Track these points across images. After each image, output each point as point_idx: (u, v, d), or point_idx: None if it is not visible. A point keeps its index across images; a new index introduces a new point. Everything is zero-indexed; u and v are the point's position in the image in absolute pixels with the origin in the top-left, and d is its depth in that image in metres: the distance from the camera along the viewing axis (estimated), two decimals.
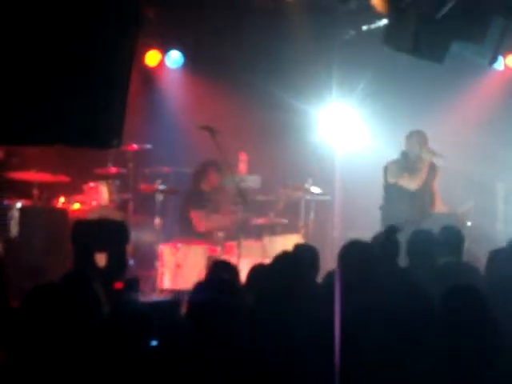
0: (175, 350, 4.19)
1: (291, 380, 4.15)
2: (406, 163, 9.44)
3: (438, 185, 9.73)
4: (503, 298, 4.95)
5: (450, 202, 10.41)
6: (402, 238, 6.60)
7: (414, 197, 9.41)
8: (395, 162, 9.53)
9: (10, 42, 5.77)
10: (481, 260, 6.61)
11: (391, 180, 9.45)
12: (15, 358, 3.92)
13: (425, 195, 9.52)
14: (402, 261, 6.60)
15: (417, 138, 9.54)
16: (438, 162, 9.59)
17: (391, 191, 9.43)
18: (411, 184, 9.42)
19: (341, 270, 4.99)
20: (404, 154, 9.52)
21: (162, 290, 9.45)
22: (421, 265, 6.36)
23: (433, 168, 9.62)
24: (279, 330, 4.60)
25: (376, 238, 6.38)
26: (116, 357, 4.08)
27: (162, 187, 10.04)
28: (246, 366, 4.01)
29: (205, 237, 9.96)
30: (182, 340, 4.21)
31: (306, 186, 10.47)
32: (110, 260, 6.84)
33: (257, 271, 5.89)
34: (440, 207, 9.81)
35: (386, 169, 9.52)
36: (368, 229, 8.22)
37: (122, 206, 10.25)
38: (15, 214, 9.44)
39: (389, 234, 6.23)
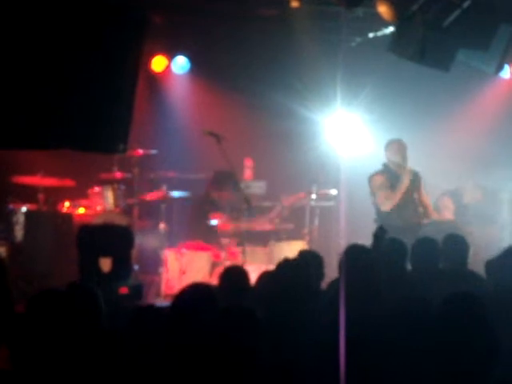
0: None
1: None
2: (390, 179, 9.17)
3: (425, 192, 9.62)
4: (501, 306, 4.98)
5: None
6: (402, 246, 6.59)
7: (403, 207, 9.16)
8: (379, 176, 9.27)
9: (21, 53, 5.82)
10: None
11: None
12: (19, 362, 3.93)
13: (411, 204, 9.25)
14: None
15: (397, 147, 9.31)
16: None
17: None
18: (385, 205, 9.11)
19: (343, 276, 4.99)
20: (387, 167, 9.31)
21: (167, 296, 9.46)
22: (424, 273, 6.36)
23: (416, 177, 9.40)
24: (284, 339, 4.60)
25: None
26: (114, 362, 4.09)
27: (171, 194, 10.11)
28: (248, 374, 4.01)
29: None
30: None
31: (312, 192, 10.45)
32: (114, 265, 6.87)
33: (264, 279, 5.87)
34: (435, 215, 9.73)
35: (369, 182, 9.31)
36: None
37: (127, 211, 10.25)
38: (20, 219, 9.45)
39: (378, 237, 6.22)
